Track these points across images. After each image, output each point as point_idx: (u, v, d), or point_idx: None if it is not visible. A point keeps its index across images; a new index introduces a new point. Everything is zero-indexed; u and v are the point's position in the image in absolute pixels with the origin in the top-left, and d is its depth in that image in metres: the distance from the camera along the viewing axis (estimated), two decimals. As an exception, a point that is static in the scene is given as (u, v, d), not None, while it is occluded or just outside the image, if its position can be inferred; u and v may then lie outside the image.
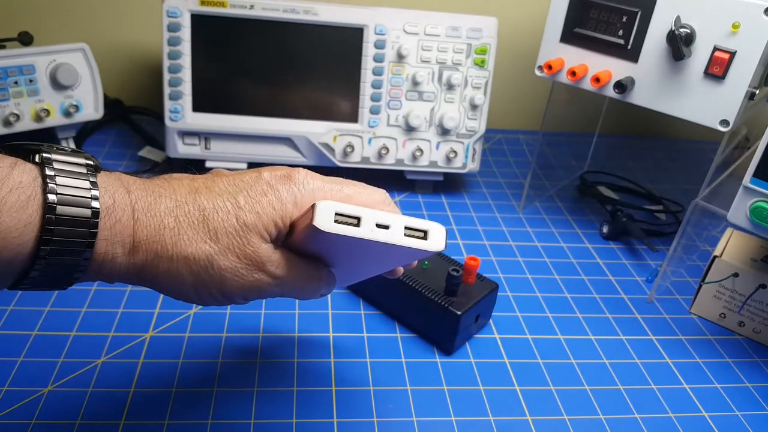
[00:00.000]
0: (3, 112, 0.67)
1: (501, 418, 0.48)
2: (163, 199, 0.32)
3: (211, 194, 0.33)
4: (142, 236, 0.31)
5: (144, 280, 0.33)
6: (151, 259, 0.31)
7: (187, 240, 0.32)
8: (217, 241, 0.32)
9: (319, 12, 0.68)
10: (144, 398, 0.46)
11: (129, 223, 0.31)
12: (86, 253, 0.30)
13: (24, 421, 0.43)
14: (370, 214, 0.31)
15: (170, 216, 0.32)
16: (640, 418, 0.49)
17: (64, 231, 0.29)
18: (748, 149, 0.66)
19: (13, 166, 0.29)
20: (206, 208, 0.32)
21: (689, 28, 0.55)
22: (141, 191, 0.32)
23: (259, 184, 0.34)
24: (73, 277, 0.31)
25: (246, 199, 0.33)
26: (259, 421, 0.45)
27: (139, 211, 0.31)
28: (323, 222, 0.30)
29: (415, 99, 0.73)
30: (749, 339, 0.60)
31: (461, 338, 0.53)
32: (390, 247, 0.32)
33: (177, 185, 0.33)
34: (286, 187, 0.34)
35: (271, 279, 0.34)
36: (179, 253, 0.32)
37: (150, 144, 0.80)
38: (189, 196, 0.33)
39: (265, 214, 0.33)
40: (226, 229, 0.32)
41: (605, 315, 0.60)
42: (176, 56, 0.68)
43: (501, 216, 0.75)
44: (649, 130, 1.04)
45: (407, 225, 0.32)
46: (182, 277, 0.32)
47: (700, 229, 0.70)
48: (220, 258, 0.32)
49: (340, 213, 0.31)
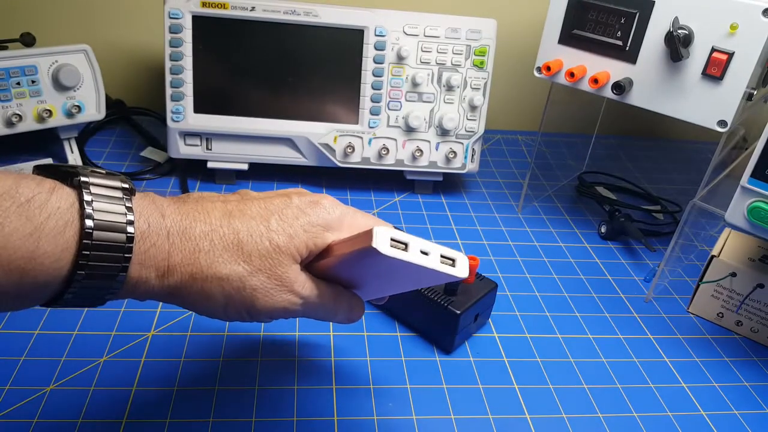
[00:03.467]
0: (5, 113, 0.68)
1: (500, 416, 0.48)
2: (198, 223, 0.33)
3: (245, 218, 0.34)
4: (177, 259, 0.32)
5: (175, 299, 0.34)
6: (185, 280, 0.33)
7: (222, 262, 0.33)
8: (250, 263, 0.33)
9: (320, 14, 0.69)
10: (146, 397, 0.46)
11: (164, 247, 0.32)
12: (120, 277, 0.31)
13: (26, 420, 0.44)
14: (416, 241, 0.34)
15: (206, 240, 0.33)
16: (638, 417, 0.50)
17: (100, 256, 0.30)
18: (746, 150, 0.66)
19: (51, 191, 0.29)
20: (240, 231, 0.34)
21: (687, 29, 0.55)
22: (176, 215, 0.33)
23: (290, 209, 0.36)
24: (105, 298, 0.32)
25: (278, 222, 0.35)
26: (261, 419, 0.46)
27: (174, 235, 0.32)
28: (381, 245, 0.33)
29: (414, 100, 0.73)
30: (747, 338, 0.60)
31: (460, 337, 0.54)
32: (424, 271, 0.35)
33: (210, 208, 0.34)
34: (316, 212, 0.36)
35: (298, 299, 0.35)
36: (213, 275, 0.33)
37: (152, 144, 0.81)
38: (223, 220, 0.34)
39: (297, 236, 0.35)
40: (259, 251, 0.34)
41: (603, 314, 0.61)
42: (178, 57, 0.69)
43: (500, 216, 0.76)
44: (647, 130, 1.04)
45: (442, 254, 0.35)
46: (214, 297, 0.33)
47: (697, 229, 0.70)
48: (252, 278, 0.33)
49: (393, 239, 0.34)
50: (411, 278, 0.38)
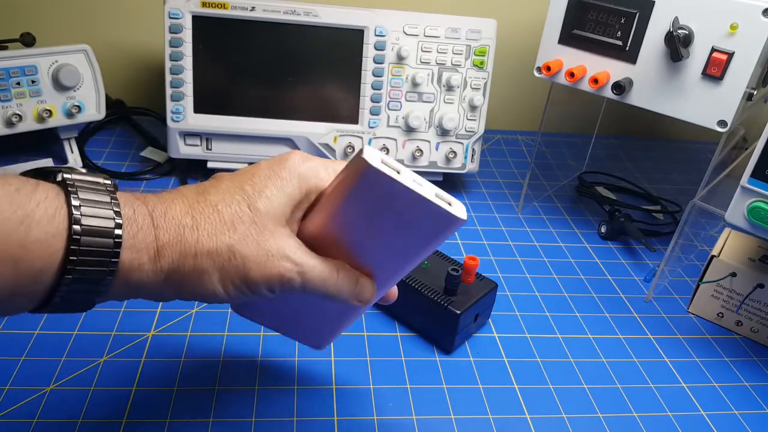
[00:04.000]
0: (5, 113, 0.68)
1: (500, 416, 0.48)
2: (176, 203, 0.34)
3: (218, 191, 0.35)
4: (164, 239, 0.32)
5: (171, 285, 0.33)
6: (176, 259, 0.33)
7: (207, 235, 0.33)
8: (235, 231, 0.33)
9: (320, 14, 0.69)
10: (146, 397, 0.46)
11: (150, 230, 0.32)
12: (112, 263, 0.31)
13: (26, 420, 0.44)
14: (408, 171, 0.33)
15: (186, 216, 0.33)
16: (638, 417, 0.50)
17: (91, 241, 0.30)
18: (746, 150, 0.66)
19: (37, 184, 0.30)
20: (217, 202, 0.34)
21: (687, 29, 0.55)
22: (155, 200, 0.34)
23: (260, 171, 0.35)
24: (100, 290, 0.31)
25: (252, 186, 0.35)
26: (260, 419, 0.46)
27: (157, 217, 0.33)
28: (372, 159, 0.32)
29: (414, 100, 0.73)
30: (747, 338, 0.60)
31: (460, 337, 0.54)
32: (419, 202, 0.33)
33: (185, 191, 0.35)
34: (287, 167, 0.35)
35: (293, 266, 0.34)
36: (201, 249, 0.33)
37: (152, 144, 0.81)
38: (199, 197, 0.34)
39: (274, 196, 0.34)
40: (240, 218, 0.34)
41: (603, 314, 0.61)
42: (178, 57, 0.69)
43: (500, 216, 0.76)
44: (647, 130, 1.04)
45: (436, 192, 0.34)
46: (208, 273, 0.33)
47: (697, 229, 0.70)
48: (240, 246, 0.33)
49: (384, 162, 0.32)
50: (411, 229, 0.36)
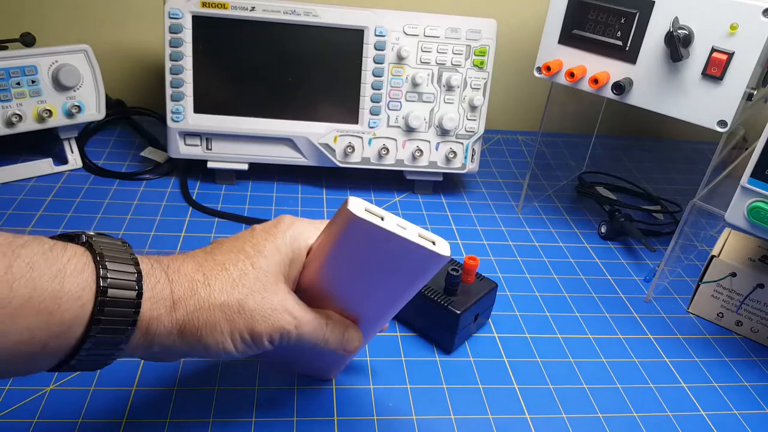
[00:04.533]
0: (5, 113, 0.68)
1: (500, 416, 0.48)
2: (187, 263, 0.37)
3: (223, 251, 0.38)
4: (179, 293, 0.35)
5: (185, 337, 0.36)
6: (191, 312, 0.35)
7: (218, 290, 0.36)
8: (243, 287, 0.37)
9: (320, 14, 0.69)
10: (146, 397, 0.46)
11: (166, 284, 0.35)
12: (135, 314, 0.33)
13: (26, 420, 0.44)
14: (391, 216, 0.35)
15: (198, 273, 0.37)
16: (639, 417, 0.50)
17: (116, 293, 0.32)
18: (746, 150, 0.66)
19: (66, 245, 0.33)
20: (224, 261, 0.38)
21: (687, 29, 0.55)
22: (168, 259, 0.37)
23: (257, 234, 0.40)
24: (122, 342, 0.34)
25: (252, 247, 0.39)
26: (260, 419, 0.46)
27: (171, 273, 0.36)
28: (356, 209, 0.34)
29: (414, 100, 0.73)
30: (747, 338, 0.60)
31: (460, 337, 0.54)
32: (403, 244, 0.35)
33: (193, 253, 0.39)
34: (279, 229, 0.40)
35: (292, 319, 0.38)
36: (214, 302, 0.36)
37: (152, 144, 0.81)
38: (207, 256, 0.38)
39: (272, 255, 0.38)
40: (246, 275, 0.37)
41: (603, 314, 0.61)
42: (178, 57, 0.69)
43: (500, 216, 0.76)
44: (647, 130, 1.04)
45: (420, 233, 0.36)
46: (220, 325, 0.36)
47: (697, 229, 0.70)
48: (248, 300, 0.37)
49: (368, 210, 0.35)
50: (397, 271, 0.38)
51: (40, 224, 0.65)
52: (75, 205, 0.69)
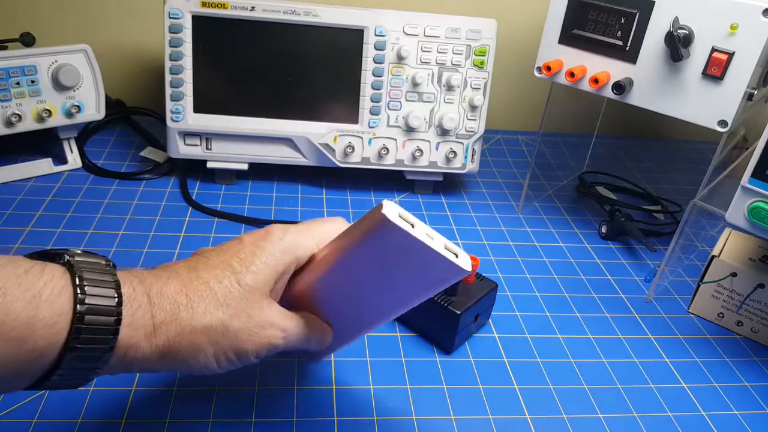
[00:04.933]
0: (5, 113, 0.68)
1: (500, 416, 0.48)
2: (171, 282, 0.35)
3: (208, 268, 0.37)
4: (160, 318, 0.34)
5: (165, 360, 0.35)
6: (172, 337, 0.34)
7: (202, 312, 0.35)
8: (228, 307, 0.35)
9: (320, 14, 0.69)
10: (145, 397, 0.46)
11: (147, 308, 0.34)
12: (111, 341, 0.32)
13: (25, 420, 0.44)
14: (421, 224, 0.35)
15: (181, 294, 0.35)
16: (639, 417, 0.49)
17: (94, 319, 0.31)
18: (747, 150, 0.66)
19: (44, 267, 0.31)
20: (209, 279, 0.36)
21: (687, 29, 0.55)
22: (151, 279, 0.35)
23: (245, 247, 0.38)
24: (98, 367, 0.32)
25: (239, 263, 0.37)
26: (260, 419, 0.46)
27: (153, 295, 0.34)
28: (391, 214, 0.33)
29: (414, 100, 0.73)
30: (747, 338, 0.60)
31: (461, 337, 0.54)
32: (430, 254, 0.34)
33: (178, 269, 0.37)
34: (270, 242, 0.38)
35: (280, 332, 0.38)
36: (197, 326, 0.35)
37: (151, 144, 0.81)
38: (191, 274, 0.36)
39: (260, 271, 0.37)
40: (231, 294, 0.36)
41: (604, 314, 0.61)
42: (178, 57, 0.69)
43: (500, 216, 0.76)
44: (647, 130, 1.04)
45: (446, 245, 0.35)
46: (203, 348, 0.35)
47: (698, 229, 0.70)
48: (233, 321, 0.35)
49: (401, 216, 0.34)
50: (415, 278, 0.38)
51: (40, 224, 0.65)
52: (74, 205, 0.68)
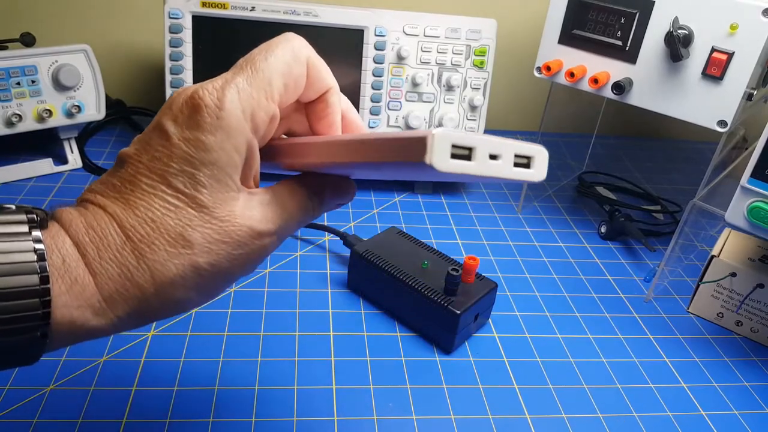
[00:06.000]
0: (5, 113, 0.68)
1: (500, 416, 0.48)
2: (108, 233, 0.26)
3: (144, 194, 0.27)
4: (111, 289, 0.26)
5: (138, 322, 0.28)
6: (134, 305, 0.26)
7: (160, 266, 0.26)
8: (191, 245, 0.26)
9: (320, 14, 0.69)
10: (146, 397, 0.46)
11: (87, 280, 0.26)
12: (42, 329, 0.25)
13: (26, 419, 0.44)
14: (483, 143, 0.24)
15: (125, 250, 0.26)
16: (638, 417, 0.50)
17: (7, 307, 0.24)
18: (746, 150, 0.66)
19: None
20: (153, 217, 0.26)
21: (687, 29, 0.55)
22: (82, 234, 0.26)
23: (176, 149, 0.27)
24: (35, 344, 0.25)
25: (180, 179, 0.27)
26: (260, 419, 0.46)
27: (90, 259, 0.26)
28: (439, 161, 0.23)
29: (414, 100, 0.73)
30: (747, 338, 0.60)
31: (460, 337, 0.54)
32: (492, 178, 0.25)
33: (106, 204, 0.27)
34: (206, 131, 0.27)
35: (270, 237, 0.29)
36: (161, 283, 0.26)
37: (151, 144, 0.81)
38: (127, 212, 0.26)
39: (214, 180, 0.27)
40: (190, 226, 0.26)
41: (603, 314, 0.61)
42: (178, 57, 0.69)
43: (500, 216, 0.76)
44: (647, 130, 1.04)
45: (516, 152, 0.25)
46: (181, 299, 0.27)
47: (697, 229, 0.70)
48: (206, 257, 0.27)
49: (456, 144, 0.24)
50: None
51: (40, 224, 0.65)
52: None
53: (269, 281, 0.60)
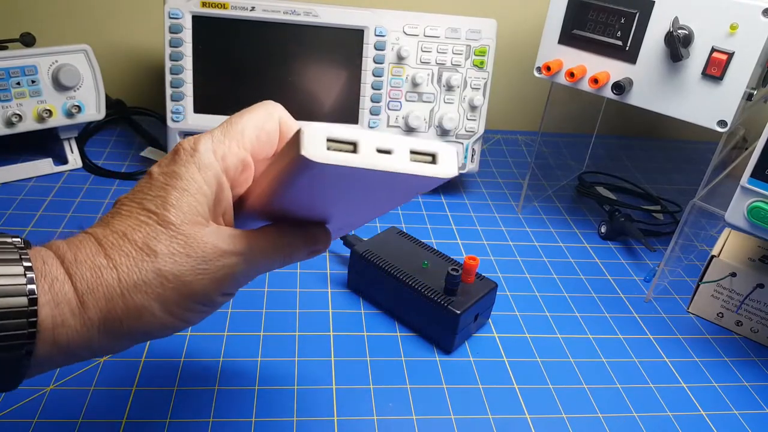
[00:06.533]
0: (5, 113, 0.68)
1: (500, 416, 0.48)
2: (85, 244, 0.30)
3: (122, 217, 0.31)
4: (83, 287, 0.29)
5: (111, 335, 0.30)
6: (104, 306, 0.29)
7: (126, 269, 0.29)
8: (155, 255, 0.29)
9: (320, 14, 0.69)
10: (145, 397, 0.46)
11: (65, 280, 0.28)
12: (31, 324, 0.27)
13: (26, 420, 0.44)
14: (367, 138, 0.26)
15: (98, 255, 0.29)
16: (638, 417, 0.50)
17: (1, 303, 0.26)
18: (746, 150, 0.66)
19: None
20: (124, 230, 0.30)
21: (687, 29, 0.55)
22: (64, 247, 0.30)
23: (155, 182, 0.31)
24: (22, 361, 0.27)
25: (153, 201, 0.30)
26: (260, 419, 0.46)
27: (69, 264, 0.29)
28: (314, 151, 0.25)
29: (414, 100, 0.73)
30: (747, 338, 0.60)
31: (460, 337, 0.54)
32: (391, 176, 0.26)
33: (92, 229, 0.31)
34: (181, 164, 0.31)
35: (234, 258, 0.31)
36: (127, 285, 0.29)
37: (152, 145, 0.81)
38: (105, 230, 0.30)
39: (182, 201, 0.30)
40: (156, 238, 0.30)
41: (603, 314, 0.61)
42: (178, 57, 0.69)
43: (500, 216, 0.76)
44: (647, 130, 1.04)
45: (413, 149, 0.26)
46: (145, 307, 0.29)
47: (697, 229, 0.70)
48: (170, 266, 0.29)
49: (332, 138, 0.25)
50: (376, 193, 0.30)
51: (40, 224, 0.65)
52: (75, 205, 0.69)
53: (269, 281, 0.60)
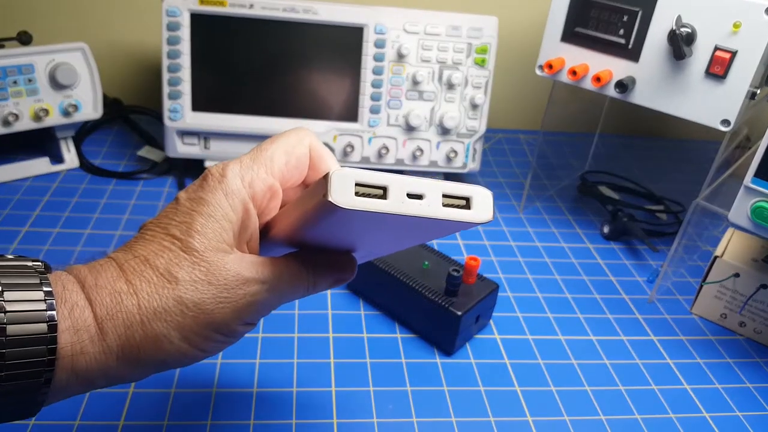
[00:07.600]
0: (2, 112, 0.67)
1: (501, 418, 0.48)
2: (106, 269, 0.30)
3: (145, 242, 0.30)
4: (102, 314, 0.28)
5: (129, 363, 0.29)
6: (123, 332, 0.29)
7: (147, 295, 0.29)
8: (177, 281, 0.29)
9: (319, 11, 0.68)
10: (144, 399, 0.46)
11: (85, 305, 0.28)
12: (50, 351, 0.27)
13: (23, 421, 0.43)
14: (398, 182, 0.25)
15: (119, 280, 0.29)
16: (641, 419, 0.49)
17: (20, 329, 0.26)
18: (749, 149, 0.66)
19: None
20: (147, 255, 0.30)
21: (690, 28, 0.55)
22: (85, 271, 0.30)
23: (181, 207, 0.31)
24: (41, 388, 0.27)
25: (178, 227, 0.30)
26: (259, 421, 0.45)
27: (89, 289, 0.29)
28: (341, 197, 0.24)
29: (415, 98, 0.72)
30: (750, 339, 0.59)
31: (461, 339, 0.53)
32: (422, 221, 0.26)
33: (114, 254, 0.31)
34: (208, 191, 0.31)
35: (257, 286, 0.31)
36: (146, 312, 0.29)
37: (149, 143, 0.80)
38: (127, 255, 0.30)
39: (207, 228, 0.30)
40: (178, 265, 0.29)
41: (606, 315, 0.60)
42: (175, 55, 0.68)
43: (501, 216, 0.75)
44: (650, 129, 1.04)
45: (445, 192, 0.26)
46: (164, 335, 0.29)
47: (701, 229, 0.70)
48: (190, 294, 0.29)
49: (361, 183, 0.24)
50: (410, 232, 0.30)
51: (37, 224, 0.64)
52: (72, 205, 0.68)
53: (268, 282, 0.59)
